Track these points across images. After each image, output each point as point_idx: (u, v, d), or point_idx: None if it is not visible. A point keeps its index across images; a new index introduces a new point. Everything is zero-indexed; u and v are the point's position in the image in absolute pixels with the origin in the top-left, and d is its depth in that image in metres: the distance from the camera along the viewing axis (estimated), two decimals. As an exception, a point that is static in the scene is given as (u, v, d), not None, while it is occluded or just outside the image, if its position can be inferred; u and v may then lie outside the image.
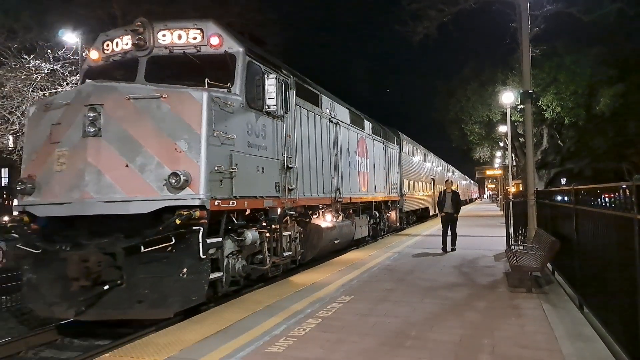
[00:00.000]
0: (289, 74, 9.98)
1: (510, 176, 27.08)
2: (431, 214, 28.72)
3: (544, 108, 26.81)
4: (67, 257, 6.48)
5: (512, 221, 12.89)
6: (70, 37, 22.41)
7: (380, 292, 7.60)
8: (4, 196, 58.96)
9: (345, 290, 7.77)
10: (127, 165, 6.66)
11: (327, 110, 12.22)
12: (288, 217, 9.52)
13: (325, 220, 11.47)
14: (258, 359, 4.66)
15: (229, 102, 7.39)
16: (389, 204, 18.88)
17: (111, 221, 6.70)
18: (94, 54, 8.63)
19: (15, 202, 7.79)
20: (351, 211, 13.84)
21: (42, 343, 7.66)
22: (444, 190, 13.15)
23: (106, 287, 6.54)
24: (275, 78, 8.60)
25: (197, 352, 4.87)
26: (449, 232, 12.81)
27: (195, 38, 7.90)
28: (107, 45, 8.43)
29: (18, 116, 22.97)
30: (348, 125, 13.87)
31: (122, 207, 6.60)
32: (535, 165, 16.37)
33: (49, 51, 23.18)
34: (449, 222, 12.77)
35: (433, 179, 31.40)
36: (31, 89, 22.97)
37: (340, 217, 12.65)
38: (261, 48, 9.35)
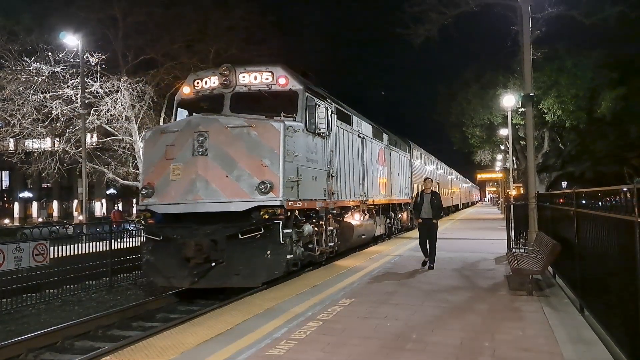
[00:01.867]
0: (331, 101, 12.22)
1: (511, 179, 27.09)
2: None
3: (545, 111, 26.82)
4: (186, 242, 8.81)
5: (513, 224, 12.86)
6: (71, 40, 22.38)
7: (381, 295, 7.59)
8: (4, 199, 58.97)
9: (346, 292, 7.76)
10: (226, 176, 8.94)
11: (357, 128, 14.50)
12: (330, 216, 11.80)
13: (355, 219, 13.56)
14: (258, 362, 4.65)
15: (296, 128, 9.74)
16: (402, 205, 21.20)
17: (211, 217, 8.89)
18: (186, 89, 10.89)
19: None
20: (373, 212, 15.82)
21: (42, 346, 7.67)
22: (422, 191, 10.64)
23: (213, 264, 8.83)
24: (324, 107, 11.05)
25: (197, 354, 4.85)
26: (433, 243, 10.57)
27: (267, 79, 10.18)
28: (197, 83, 10.72)
29: (19, 119, 22.98)
30: (371, 138, 16.10)
31: (225, 206, 8.88)
32: (536, 169, 16.37)
33: (50, 54, 23.18)
34: (428, 230, 10.40)
35: (438, 183, 32.90)
36: (32, 92, 22.99)
37: (366, 217, 14.68)
38: (310, 82, 11.48)
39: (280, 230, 8.81)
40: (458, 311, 6.48)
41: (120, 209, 50.60)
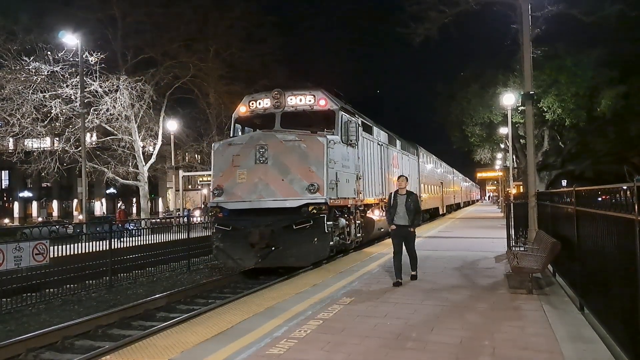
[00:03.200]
0: (358, 116, 14.48)
1: (511, 178, 27.10)
2: (440, 213, 33.94)
3: (545, 110, 26.78)
4: (251, 232, 11.06)
5: (513, 223, 12.85)
6: (70, 39, 22.33)
7: (381, 293, 7.59)
8: (4, 198, 58.91)
9: (346, 291, 7.75)
10: (282, 180, 11.25)
11: (376, 137, 16.83)
12: (358, 211, 14.04)
13: (375, 215, 15.77)
14: (258, 361, 4.64)
15: (335, 141, 12.01)
16: None
17: (268, 212, 11.22)
18: (242, 109, 13.16)
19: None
20: None
21: (42, 345, 7.67)
22: (395, 192, 8.72)
23: (272, 248, 11.10)
24: (354, 122, 13.40)
25: (197, 354, 4.85)
26: (410, 254, 8.85)
27: (310, 100, 12.47)
28: (252, 104, 12.99)
29: (18, 118, 22.94)
30: (387, 145, 18.51)
31: (281, 203, 11.22)
32: (536, 167, 16.36)
33: (49, 53, 23.13)
34: (403, 239, 8.58)
35: (442, 183, 35.73)
36: (31, 91, 22.96)
37: (384, 213, 16.41)
38: (341, 100, 13.79)
39: (325, 222, 11.16)
40: (458, 310, 6.48)
41: (123, 208, 50.30)
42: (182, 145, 36.69)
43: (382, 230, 16.57)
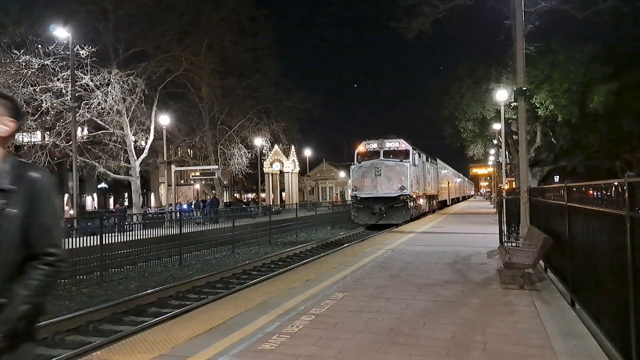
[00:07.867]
0: (418, 149, 29.14)
1: (504, 173, 27.23)
2: (447, 204, 46.63)
3: (538, 105, 26.89)
4: (374, 207, 26.18)
5: (505, 218, 12.89)
6: (61, 32, 22.06)
7: (373, 289, 7.59)
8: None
9: (338, 287, 7.75)
10: (388, 183, 26.33)
11: (421, 158, 29.64)
12: (416, 199, 27.72)
13: (421, 202, 28.58)
14: (250, 357, 4.61)
15: (410, 165, 26.97)
16: (433, 196, 35.35)
17: (381, 199, 26.11)
18: (361, 148, 27.91)
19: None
20: (426, 198, 31.04)
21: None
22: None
23: (384, 215, 26.05)
24: (417, 153, 28.88)
25: (188, 349, 4.82)
26: None
27: (397, 144, 27.51)
28: (366, 145, 27.82)
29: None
30: (424, 161, 31.33)
31: (388, 194, 26.04)
32: (528, 163, 16.40)
33: (40, 46, 22.86)
34: None
35: (448, 182, 48.42)
36: (21, 85, 22.71)
37: (425, 200, 29.96)
38: (409, 141, 28.73)
39: (409, 203, 25.56)
40: (450, 305, 6.49)
41: (126, 203, 49.65)
42: (175, 139, 36.50)
43: (424, 211, 29.65)
